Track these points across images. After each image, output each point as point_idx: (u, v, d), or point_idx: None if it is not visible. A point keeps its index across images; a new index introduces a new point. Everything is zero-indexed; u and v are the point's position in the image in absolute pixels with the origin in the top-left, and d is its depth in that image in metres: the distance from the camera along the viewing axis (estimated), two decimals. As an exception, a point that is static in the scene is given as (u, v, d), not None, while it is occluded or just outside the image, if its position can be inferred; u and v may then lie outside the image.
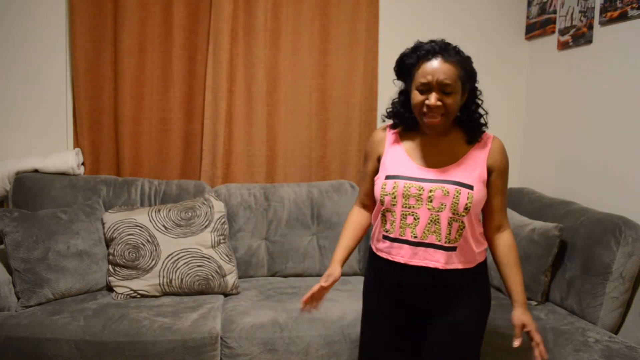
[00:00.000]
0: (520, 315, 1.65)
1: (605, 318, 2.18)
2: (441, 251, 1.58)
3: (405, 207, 1.58)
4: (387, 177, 1.62)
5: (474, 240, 1.62)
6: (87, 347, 2.06)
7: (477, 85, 1.62)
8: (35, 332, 2.07)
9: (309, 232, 2.81)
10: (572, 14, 2.73)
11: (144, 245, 2.41)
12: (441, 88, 1.51)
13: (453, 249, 1.59)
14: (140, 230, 2.43)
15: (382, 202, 1.62)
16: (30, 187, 2.64)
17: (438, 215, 1.56)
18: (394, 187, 1.59)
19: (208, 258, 2.45)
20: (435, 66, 1.52)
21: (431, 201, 1.56)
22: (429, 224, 1.57)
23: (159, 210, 2.51)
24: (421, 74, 1.54)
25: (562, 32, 2.82)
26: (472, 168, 1.59)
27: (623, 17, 2.36)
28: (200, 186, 2.78)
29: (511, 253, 1.67)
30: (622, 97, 2.41)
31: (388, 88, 3.11)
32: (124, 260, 2.40)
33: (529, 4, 3.14)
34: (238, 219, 2.75)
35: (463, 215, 1.55)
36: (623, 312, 2.20)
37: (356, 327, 2.21)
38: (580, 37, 2.67)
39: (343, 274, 2.79)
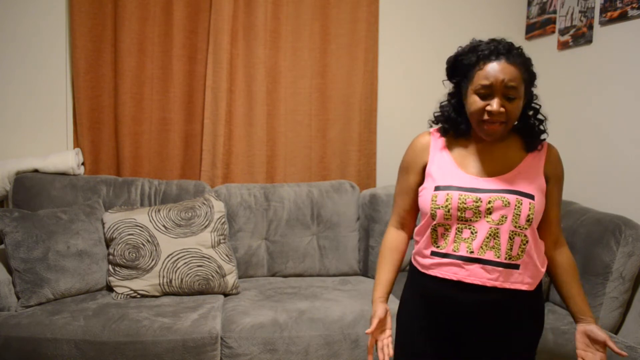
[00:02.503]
0: (599, 329, 1.47)
1: (605, 318, 2.18)
2: (500, 268, 1.40)
3: (462, 220, 1.41)
4: (437, 188, 1.45)
5: (539, 257, 1.45)
6: (87, 347, 2.06)
7: (533, 89, 1.48)
8: (35, 332, 2.07)
9: (309, 232, 2.81)
10: (572, 14, 2.73)
11: (144, 245, 2.41)
12: (505, 92, 1.37)
13: (515, 266, 1.41)
14: (140, 230, 2.43)
15: (433, 217, 1.44)
16: (30, 187, 2.64)
17: (498, 228, 1.40)
18: (447, 199, 1.42)
19: (208, 258, 2.45)
20: (499, 68, 1.36)
21: (490, 213, 1.40)
22: (487, 238, 1.40)
23: (159, 210, 2.51)
24: (483, 76, 1.38)
25: (562, 32, 2.82)
26: (532, 177, 1.44)
27: (623, 17, 2.36)
28: (200, 186, 2.78)
29: (574, 271, 1.52)
30: (622, 97, 2.41)
31: (388, 88, 3.13)
32: (124, 260, 2.40)
33: (529, 4, 3.14)
34: (238, 219, 2.75)
35: (525, 228, 1.39)
36: (623, 312, 2.20)
37: (356, 327, 2.21)
38: (580, 37, 2.67)
39: (343, 274, 2.82)
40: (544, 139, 1.51)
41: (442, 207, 1.42)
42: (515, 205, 1.39)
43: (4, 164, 2.69)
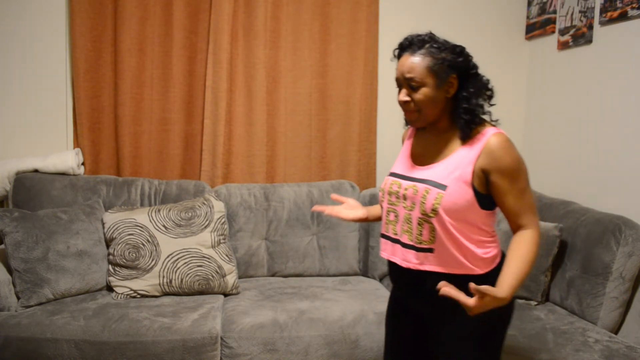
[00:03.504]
0: (487, 289, 1.31)
1: (605, 318, 2.18)
2: (413, 251, 1.50)
3: (389, 204, 1.56)
4: (389, 174, 1.62)
5: (455, 246, 1.46)
6: (87, 347, 2.06)
7: (475, 77, 1.49)
8: (35, 332, 2.07)
9: (309, 232, 2.81)
10: (572, 14, 2.73)
11: (144, 245, 2.41)
12: (408, 83, 1.45)
13: (428, 250, 1.48)
14: (140, 230, 2.43)
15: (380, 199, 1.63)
16: (30, 187, 2.64)
17: (410, 214, 1.49)
18: (385, 184, 1.59)
19: (208, 258, 2.45)
20: (402, 62, 1.47)
21: (405, 199, 1.50)
22: (404, 222, 1.51)
23: (159, 210, 2.51)
24: (396, 72, 1.49)
25: (562, 32, 2.82)
26: (455, 168, 1.45)
27: (623, 17, 2.36)
28: (200, 186, 2.78)
29: (519, 246, 1.45)
30: (622, 97, 2.41)
31: (388, 88, 3.13)
32: (124, 260, 2.40)
33: (529, 4, 3.14)
34: (238, 219, 2.75)
35: (432, 217, 1.44)
36: (623, 312, 2.20)
37: (356, 327, 2.21)
38: (580, 37, 2.67)
39: (343, 274, 2.82)
40: (473, 128, 1.48)
41: (382, 189, 1.60)
42: (422, 195, 1.46)
43: (4, 164, 2.69)
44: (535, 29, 3.07)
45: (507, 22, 3.18)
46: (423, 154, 1.56)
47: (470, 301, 1.33)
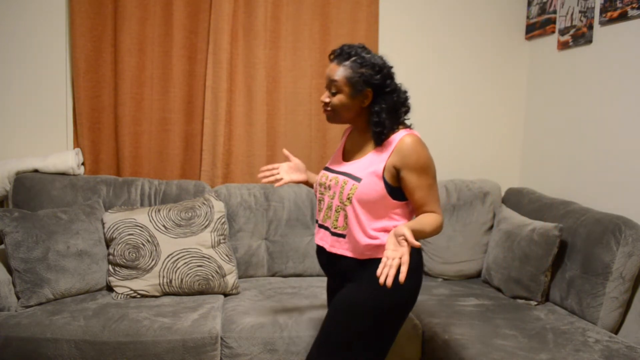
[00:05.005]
0: (404, 226, 1.47)
1: (605, 318, 2.18)
2: (329, 235, 1.74)
3: (320, 193, 1.79)
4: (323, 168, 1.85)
5: (361, 232, 1.66)
6: (87, 347, 2.06)
7: (391, 94, 1.67)
8: (35, 332, 2.07)
9: (309, 232, 2.81)
10: (572, 14, 2.73)
11: (144, 245, 2.41)
12: (329, 86, 1.68)
13: (342, 235, 1.71)
14: (140, 230, 2.43)
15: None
16: (30, 187, 2.64)
17: (331, 202, 1.72)
18: (320, 176, 1.81)
19: (208, 258, 2.45)
20: (330, 67, 1.68)
21: (329, 189, 1.73)
22: (327, 209, 1.74)
23: (159, 210, 2.51)
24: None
25: (562, 32, 2.82)
26: (370, 163, 1.67)
27: (623, 17, 2.36)
28: (200, 186, 2.78)
29: (426, 216, 1.63)
30: (622, 97, 2.41)
31: (388, 88, 3.12)
32: (124, 260, 2.40)
33: (529, 4, 3.14)
34: (238, 219, 2.75)
35: (346, 205, 1.66)
36: (623, 312, 2.20)
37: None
38: (580, 37, 2.67)
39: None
40: (383, 139, 1.66)
41: (317, 182, 1.82)
42: (341, 185, 1.68)
43: (4, 164, 2.69)
44: (535, 29, 3.07)
45: (507, 22, 3.18)
46: (350, 151, 1.79)
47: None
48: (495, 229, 2.72)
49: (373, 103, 1.67)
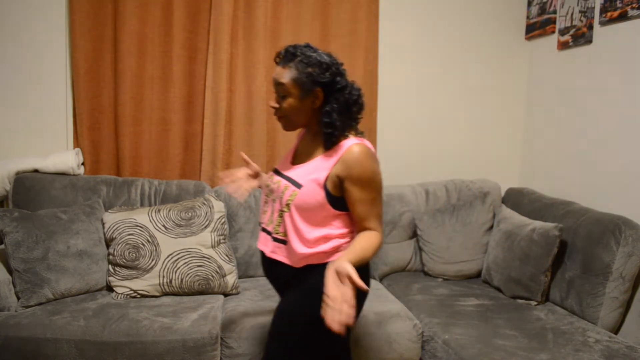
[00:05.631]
0: (346, 263, 1.41)
1: (605, 318, 2.18)
2: (270, 239, 1.68)
3: (266, 195, 1.73)
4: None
5: (298, 240, 1.60)
6: (87, 347, 2.06)
7: (341, 92, 1.59)
8: (35, 332, 2.07)
9: (309, 232, 2.81)
10: (572, 14, 2.73)
11: (144, 245, 2.41)
12: (277, 90, 1.60)
13: (283, 242, 1.64)
14: (140, 230, 2.43)
15: None
16: (30, 187, 2.64)
17: (274, 206, 1.66)
18: (267, 175, 1.78)
19: (208, 258, 2.45)
20: (276, 70, 1.60)
21: (273, 193, 1.67)
22: (271, 213, 1.68)
23: (159, 210, 2.51)
24: None
25: (562, 32, 2.82)
26: (313, 170, 1.59)
27: (623, 17, 2.36)
28: (200, 186, 2.78)
29: (362, 237, 1.55)
30: (622, 97, 2.41)
31: (388, 88, 3.13)
32: (124, 260, 2.40)
33: (529, 4, 3.14)
34: (238, 219, 2.75)
35: (285, 210, 1.60)
36: (623, 312, 2.20)
37: (356, 327, 2.21)
38: (580, 37, 2.67)
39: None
40: (334, 142, 1.58)
41: (264, 181, 1.76)
42: (282, 190, 1.62)
43: (4, 164, 2.69)
44: (535, 29, 3.07)
45: (507, 22, 3.18)
46: (300, 154, 1.72)
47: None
48: (495, 229, 2.72)
49: (324, 103, 1.59)
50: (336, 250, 1.62)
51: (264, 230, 1.72)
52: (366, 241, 1.54)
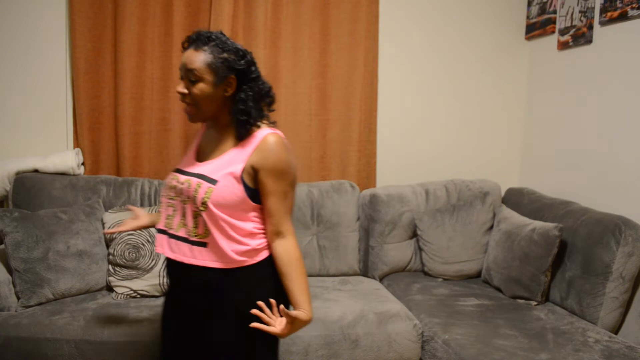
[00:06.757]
0: (297, 315, 1.46)
1: (605, 318, 2.18)
2: (188, 245, 1.53)
3: (169, 198, 1.57)
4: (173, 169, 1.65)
5: (224, 239, 1.50)
6: (87, 347, 2.06)
7: (255, 81, 1.55)
8: (35, 332, 2.07)
9: (309, 232, 2.81)
10: (572, 14, 2.73)
11: (144, 245, 2.41)
12: (187, 76, 1.49)
13: (202, 244, 1.51)
14: (140, 230, 2.43)
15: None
16: (30, 187, 2.64)
17: (185, 208, 1.52)
18: (167, 178, 1.62)
19: (208, 258, 2.45)
20: (186, 55, 1.50)
21: (181, 194, 1.53)
22: (181, 216, 1.54)
23: (159, 211, 2.50)
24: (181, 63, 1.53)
25: (562, 32, 2.82)
26: (227, 164, 1.51)
27: (623, 17, 2.36)
28: (200, 186, 2.78)
29: (290, 263, 1.52)
30: (622, 97, 2.41)
31: (388, 88, 3.13)
32: (124, 260, 2.40)
33: (529, 4, 3.14)
34: (238, 219, 2.74)
35: (203, 210, 1.48)
36: (623, 312, 2.20)
37: (356, 327, 2.21)
38: (580, 37, 2.67)
39: (343, 274, 2.82)
40: (249, 129, 1.53)
41: (165, 184, 1.61)
42: (194, 189, 1.49)
43: (4, 164, 2.69)
44: (535, 29, 3.07)
45: (507, 22, 3.18)
46: (205, 150, 1.61)
47: (279, 330, 1.45)
48: (495, 229, 2.72)
49: (236, 92, 1.52)
50: (265, 247, 1.56)
51: (173, 236, 1.55)
52: (301, 269, 1.53)
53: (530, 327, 2.16)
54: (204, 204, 1.47)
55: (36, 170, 2.72)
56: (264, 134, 1.52)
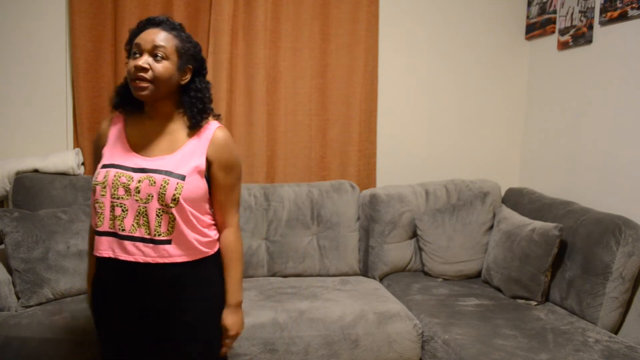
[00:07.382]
0: (226, 315, 1.61)
1: (605, 318, 2.18)
2: (151, 244, 1.48)
3: (115, 197, 1.48)
4: (103, 166, 1.53)
5: (192, 233, 1.52)
6: (87, 347, 2.06)
7: (205, 77, 1.60)
8: (35, 332, 2.07)
9: (309, 232, 2.81)
10: (572, 14, 2.73)
11: (144, 245, 2.41)
12: (153, 51, 1.46)
13: (167, 242, 1.49)
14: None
15: (93, 193, 1.51)
16: (30, 187, 2.64)
17: (146, 207, 1.46)
18: (105, 176, 1.49)
19: (208, 258, 2.45)
20: (152, 31, 1.49)
21: (138, 192, 1.46)
22: (137, 216, 1.47)
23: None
24: (138, 39, 1.50)
25: (562, 32, 2.82)
26: (189, 157, 1.51)
27: (623, 17, 2.36)
28: (200, 186, 2.78)
29: (227, 254, 1.62)
30: (621, 97, 2.41)
31: (388, 88, 3.13)
32: (124, 260, 2.39)
33: (529, 4, 3.14)
34: (238, 219, 2.74)
35: (172, 207, 1.46)
36: (623, 312, 2.20)
37: (356, 327, 2.21)
38: (580, 37, 2.67)
39: (343, 274, 2.82)
40: (205, 118, 1.56)
41: (99, 183, 1.50)
42: (161, 185, 1.46)
43: (4, 164, 2.69)
44: (535, 29, 3.07)
45: (507, 22, 3.18)
46: (146, 144, 1.54)
47: (227, 340, 1.63)
48: (495, 229, 2.72)
49: (190, 83, 1.55)
50: (218, 238, 1.63)
51: (126, 237, 1.48)
52: (234, 261, 1.62)
53: (530, 327, 2.16)
54: (175, 200, 1.46)
55: (36, 170, 2.72)
56: (215, 126, 1.57)
